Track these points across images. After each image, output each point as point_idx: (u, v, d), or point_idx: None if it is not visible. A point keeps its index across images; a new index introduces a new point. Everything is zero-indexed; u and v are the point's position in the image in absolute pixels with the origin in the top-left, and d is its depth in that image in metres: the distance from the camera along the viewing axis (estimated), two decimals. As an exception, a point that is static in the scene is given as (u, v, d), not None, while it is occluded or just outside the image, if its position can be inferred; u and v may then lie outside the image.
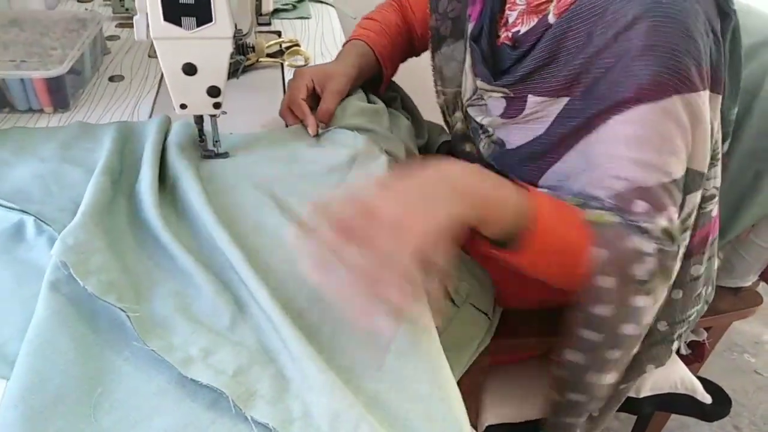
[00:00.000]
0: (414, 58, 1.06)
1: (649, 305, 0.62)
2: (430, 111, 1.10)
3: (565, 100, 0.67)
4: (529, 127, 0.72)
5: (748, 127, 0.89)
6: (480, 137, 0.83)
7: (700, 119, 0.62)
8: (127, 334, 0.52)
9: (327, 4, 1.36)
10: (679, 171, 0.62)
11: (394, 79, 1.06)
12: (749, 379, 1.57)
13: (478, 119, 0.82)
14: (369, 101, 0.93)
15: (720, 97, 0.68)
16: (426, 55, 0.98)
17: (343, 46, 0.97)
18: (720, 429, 1.45)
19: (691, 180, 0.65)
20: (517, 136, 0.75)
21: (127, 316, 0.52)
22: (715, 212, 0.76)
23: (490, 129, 0.80)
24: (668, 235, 0.61)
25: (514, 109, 0.73)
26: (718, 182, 0.75)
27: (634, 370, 0.80)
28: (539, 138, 0.71)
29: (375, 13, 1.00)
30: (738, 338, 1.69)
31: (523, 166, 0.74)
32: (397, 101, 1.05)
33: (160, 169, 0.74)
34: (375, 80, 0.98)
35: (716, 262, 0.81)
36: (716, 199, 0.75)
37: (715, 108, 0.66)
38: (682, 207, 0.65)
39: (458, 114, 0.90)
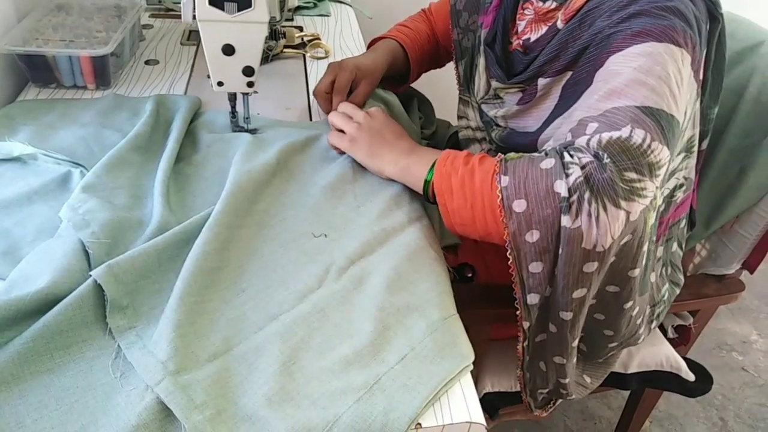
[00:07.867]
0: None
1: (583, 226, 0.59)
2: (437, 109, 1.20)
3: (568, 74, 0.73)
4: (540, 107, 0.77)
5: (734, 126, 0.96)
6: (492, 127, 0.89)
7: (683, 75, 0.65)
8: None
9: (345, 3, 1.44)
10: (650, 102, 0.62)
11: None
12: (736, 376, 1.64)
13: (491, 114, 0.87)
14: (384, 96, 1.01)
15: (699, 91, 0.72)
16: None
17: (375, 40, 1.04)
18: (707, 421, 1.51)
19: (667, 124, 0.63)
20: (531, 121, 0.80)
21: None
22: (680, 200, 0.81)
23: (501, 123, 0.86)
24: (610, 149, 0.60)
25: (528, 95, 0.79)
26: (690, 173, 0.80)
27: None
28: (551, 115, 0.76)
29: (408, 22, 1.07)
30: (728, 338, 1.75)
31: (530, 139, 0.79)
32: (414, 100, 1.14)
33: (185, 141, 0.84)
34: (397, 78, 1.05)
35: (674, 246, 0.86)
36: (684, 188, 0.81)
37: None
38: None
39: (471, 112, 0.97)
